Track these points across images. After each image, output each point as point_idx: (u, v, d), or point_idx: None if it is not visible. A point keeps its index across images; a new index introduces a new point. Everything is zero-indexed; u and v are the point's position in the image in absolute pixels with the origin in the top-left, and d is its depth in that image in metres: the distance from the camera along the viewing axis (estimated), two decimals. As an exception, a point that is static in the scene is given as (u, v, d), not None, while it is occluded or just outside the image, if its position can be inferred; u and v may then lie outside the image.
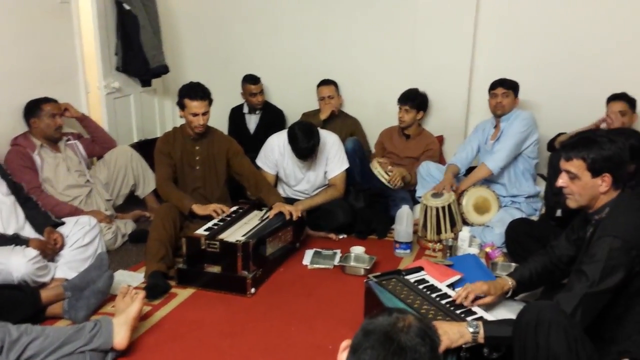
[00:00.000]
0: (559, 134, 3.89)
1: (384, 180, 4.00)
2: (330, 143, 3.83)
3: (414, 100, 4.27)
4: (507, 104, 3.82)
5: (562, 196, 2.28)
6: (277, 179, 3.97)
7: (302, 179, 3.88)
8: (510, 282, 2.39)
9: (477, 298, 2.40)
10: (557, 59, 4.23)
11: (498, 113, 3.86)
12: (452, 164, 3.99)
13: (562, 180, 2.19)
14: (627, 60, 4.09)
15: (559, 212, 3.36)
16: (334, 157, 3.82)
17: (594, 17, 4.10)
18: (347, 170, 3.87)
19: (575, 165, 2.11)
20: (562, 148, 2.23)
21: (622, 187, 2.12)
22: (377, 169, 4.03)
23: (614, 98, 3.72)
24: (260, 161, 3.91)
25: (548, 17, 4.20)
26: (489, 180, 3.89)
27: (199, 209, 3.36)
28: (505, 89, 3.82)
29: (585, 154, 2.09)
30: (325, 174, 3.86)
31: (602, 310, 2.02)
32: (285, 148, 3.79)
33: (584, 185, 2.11)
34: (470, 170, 4.16)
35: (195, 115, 3.40)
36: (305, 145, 3.62)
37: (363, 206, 3.91)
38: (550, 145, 3.95)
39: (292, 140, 3.64)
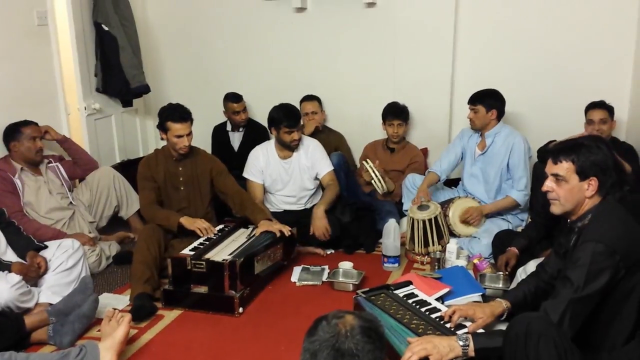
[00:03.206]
0: (550, 142, 3.75)
1: (376, 181, 4.02)
2: (314, 146, 3.92)
3: (403, 113, 4.34)
4: (477, 120, 3.80)
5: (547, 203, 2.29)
6: (264, 191, 3.96)
7: (289, 181, 3.89)
8: (504, 304, 2.34)
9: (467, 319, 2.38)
10: (536, 69, 4.27)
11: (470, 127, 3.89)
12: (432, 172, 3.98)
13: (547, 185, 2.19)
14: (606, 69, 4.14)
15: None
16: (320, 158, 3.89)
17: (572, 27, 4.15)
18: None
19: (564, 168, 2.12)
20: (549, 152, 2.24)
21: (604, 195, 2.13)
22: (370, 169, 4.04)
23: (593, 106, 3.74)
24: (247, 173, 3.91)
25: (527, 27, 4.24)
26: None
27: (186, 222, 3.36)
28: (472, 105, 3.80)
29: (574, 156, 2.10)
30: (316, 175, 3.89)
31: (589, 316, 2.02)
32: (269, 154, 3.87)
33: (570, 189, 2.12)
34: (450, 181, 4.19)
35: (179, 137, 3.40)
36: (292, 107, 3.83)
37: (350, 220, 3.89)
38: (541, 152, 3.86)
39: (277, 117, 3.75)
